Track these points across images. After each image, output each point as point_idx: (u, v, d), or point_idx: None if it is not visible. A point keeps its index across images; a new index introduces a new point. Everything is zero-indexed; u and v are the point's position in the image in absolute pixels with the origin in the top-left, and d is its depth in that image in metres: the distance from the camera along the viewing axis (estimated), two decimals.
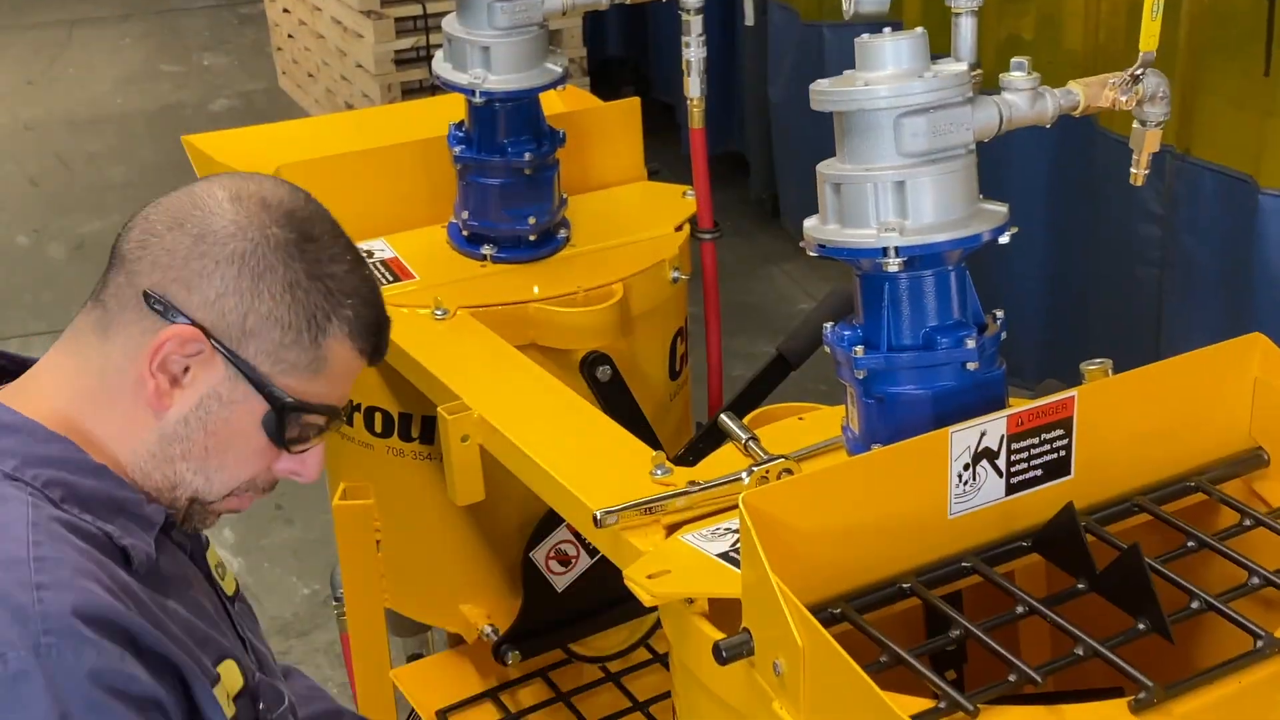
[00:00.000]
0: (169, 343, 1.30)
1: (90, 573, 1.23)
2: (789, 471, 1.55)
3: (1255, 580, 1.33)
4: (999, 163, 3.50)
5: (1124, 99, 1.47)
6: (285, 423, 1.35)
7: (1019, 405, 1.41)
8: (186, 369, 1.31)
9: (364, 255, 1.42)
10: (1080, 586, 1.35)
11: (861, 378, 1.48)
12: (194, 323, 1.30)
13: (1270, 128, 3.00)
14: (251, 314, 1.30)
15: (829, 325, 1.54)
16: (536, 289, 2.20)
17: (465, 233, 2.30)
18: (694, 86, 2.27)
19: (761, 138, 5.02)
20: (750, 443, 1.61)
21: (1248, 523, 1.43)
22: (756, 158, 5.13)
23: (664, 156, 2.73)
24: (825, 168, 1.46)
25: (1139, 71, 1.46)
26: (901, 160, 1.40)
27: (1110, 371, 1.53)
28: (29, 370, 1.38)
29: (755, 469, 1.55)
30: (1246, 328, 2.36)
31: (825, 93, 1.43)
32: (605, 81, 5.56)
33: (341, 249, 1.37)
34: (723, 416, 1.66)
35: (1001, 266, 3.63)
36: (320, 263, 1.34)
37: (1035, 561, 1.45)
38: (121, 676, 1.21)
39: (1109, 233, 3.53)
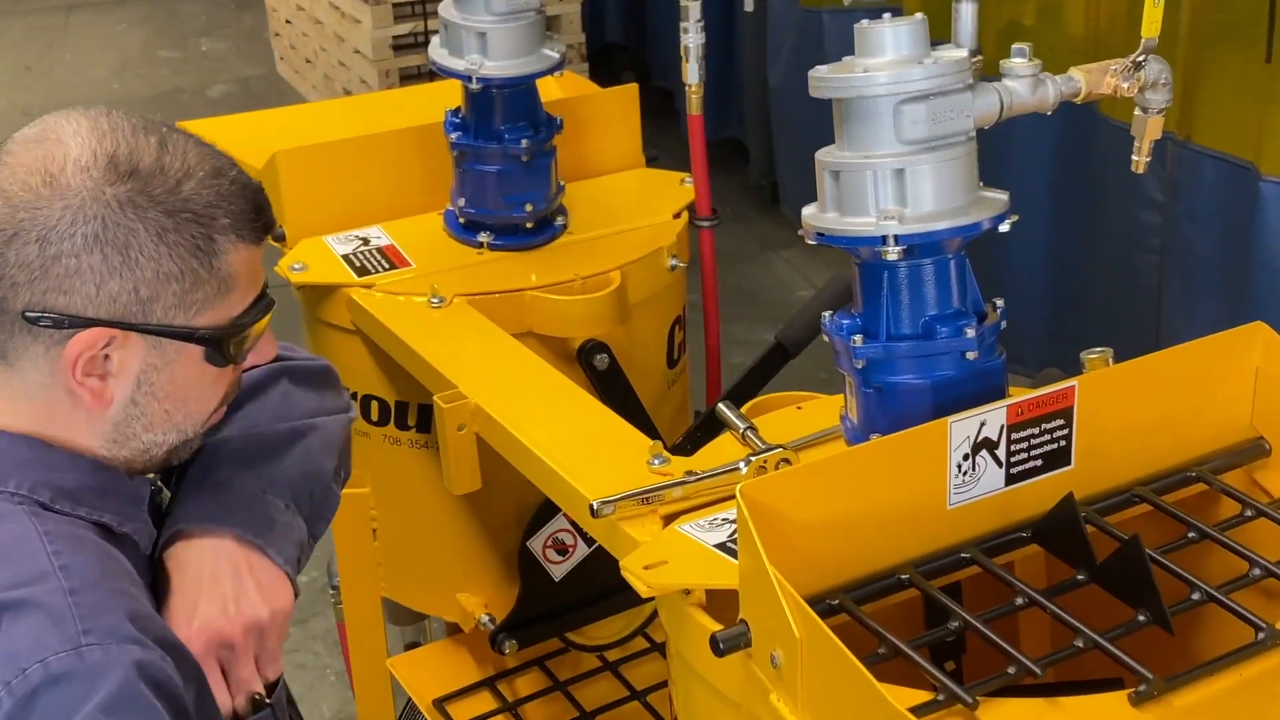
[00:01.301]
0: (81, 353, 1.24)
1: (114, 573, 1.22)
2: (787, 461, 1.54)
3: (1256, 571, 1.32)
4: (999, 150, 3.49)
5: (1126, 86, 1.45)
6: (226, 348, 1.31)
7: (1019, 395, 1.40)
8: (108, 358, 1.26)
9: (189, 134, 1.31)
10: (1080, 578, 1.34)
11: (860, 367, 1.47)
12: (91, 321, 1.23)
13: (1271, 115, 2.98)
14: (140, 284, 1.23)
15: (828, 314, 1.53)
16: (534, 277, 2.18)
17: (462, 220, 2.29)
18: (693, 72, 2.26)
19: (761, 124, 5.01)
20: (748, 432, 1.60)
21: (1249, 513, 1.42)
22: (755, 144, 5.11)
23: (663, 143, 2.71)
24: (824, 155, 1.45)
25: (1141, 58, 1.45)
26: (901, 147, 1.39)
27: (1110, 360, 1.52)
28: None
29: (753, 459, 1.54)
30: (1247, 316, 2.34)
31: (824, 79, 1.41)
32: (604, 67, 5.54)
33: (176, 159, 1.26)
34: (720, 405, 1.65)
35: (1001, 254, 3.62)
36: (170, 193, 1.24)
37: (1034, 552, 1.44)
38: (163, 673, 1.20)
39: (1109, 220, 3.52)
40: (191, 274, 1.25)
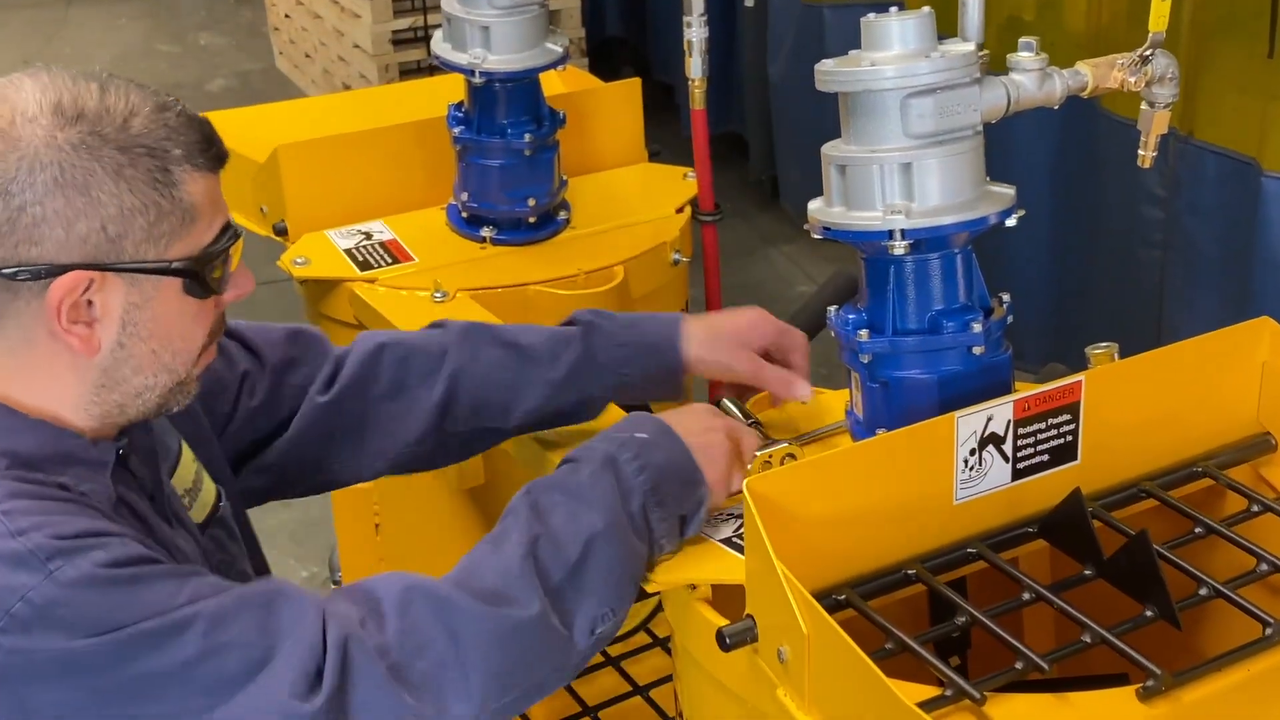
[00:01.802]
0: (62, 300, 1.24)
1: (60, 509, 1.23)
2: (792, 456, 1.54)
3: (1264, 567, 1.32)
4: (1001, 145, 3.47)
5: (1133, 80, 1.45)
6: (204, 278, 1.31)
7: (1025, 390, 1.40)
8: (91, 304, 1.26)
9: (127, 79, 1.31)
10: (1087, 573, 1.34)
11: (866, 362, 1.47)
12: (67, 267, 1.24)
13: (1273, 110, 2.98)
14: (107, 222, 1.24)
15: (833, 309, 1.53)
16: (536, 272, 2.18)
17: (465, 214, 2.29)
18: (695, 67, 2.26)
19: (761, 119, 5.00)
20: (752, 427, 1.59)
21: (1255, 508, 1.42)
22: (756, 139, 5.10)
23: (663, 138, 2.71)
24: (830, 149, 1.44)
25: (1148, 52, 1.45)
26: (908, 141, 1.39)
27: (1116, 355, 1.51)
28: None
29: (758, 453, 1.54)
30: (1249, 311, 2.33)
31: (831, 73, 1.41)
32: (604, 62, 5.53)
33: (120, 100, 1.27)
34: (724, 401, 1.64)
35: (1002, 249, 3.62)
36: (120, 131, 1.25)
37: (1039, 548, 1.44)
38: (138, 552, 1.22)
39: (1111, 215, 3.51)
40: (155, 206, 1.26)
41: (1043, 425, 1.38)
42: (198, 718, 1.21)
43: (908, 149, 1.39)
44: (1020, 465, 1.38)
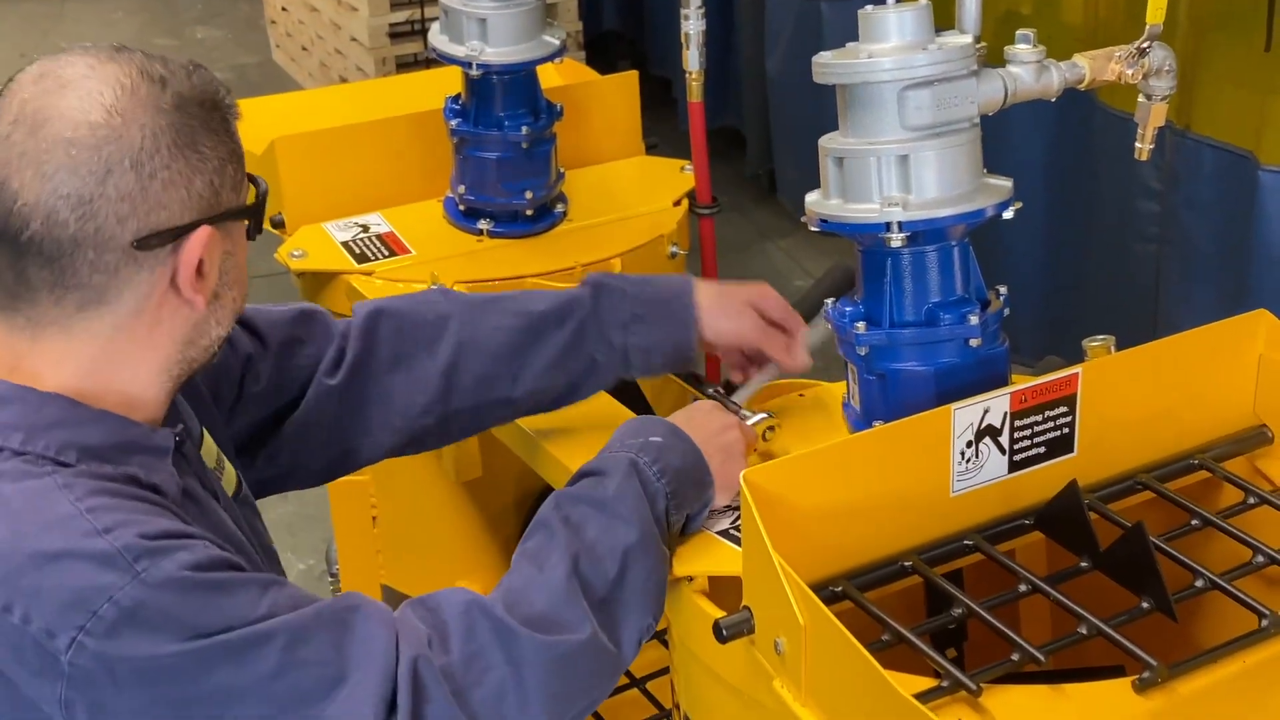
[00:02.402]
0: (199, 257, 1.27)
1: (141, 509, 1.22)
2: (772, 429, 1.54)
3: (1260, 558, 1.33)
4: (996, 137, 3.46)
5: (1130, 72, 1.45)
6: (259, 218, 1.36)
7: (1022, 382, 1.40)
8: (201, 260, 1.28)
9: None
10: (1083, 565, 1.34)
11: (863, 354, 1.47)
12: (193, 224, 1.26)
13: (1270, 104, 2.97)
14: (213, 175, 1.27)
15: (830, 301, 1.53)
16: (534, 264, 2.18)
17: (462, 207, 2.29)
18: (693, 59, 2.25)
19: (758, 113, 4.99)
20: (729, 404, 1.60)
21: (1252, 500, 1.42)
22: (753, 133, 5.10)
23: (660, 132, 2.70)
24: (827, 141, 1.44)
25: (1146, 44, 1.45)
26: (905, 134, 1.39)
27: (1113, 348, 1.51)
28: None
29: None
30: (1245, 304, 2.33)
31: (828, 65, 1.41)
32: (601, 56, 5.52)
33: (160, 64, 1.29)
34: (709, 391, 1.64)
35: (997, 242, 3.61)
36: (191, 89, 1.28)
37: (1035, 540, 1.44)
38: (219, 556, 1.21)
39: (1106, 209, 3.51)
40: (233, 154, 1.31)
41: (1039, 418, 1.38)
42: None
43: (905, 141, 1.39)
44: (1017, 457, 1.38)
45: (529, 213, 2.26)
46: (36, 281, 1.24)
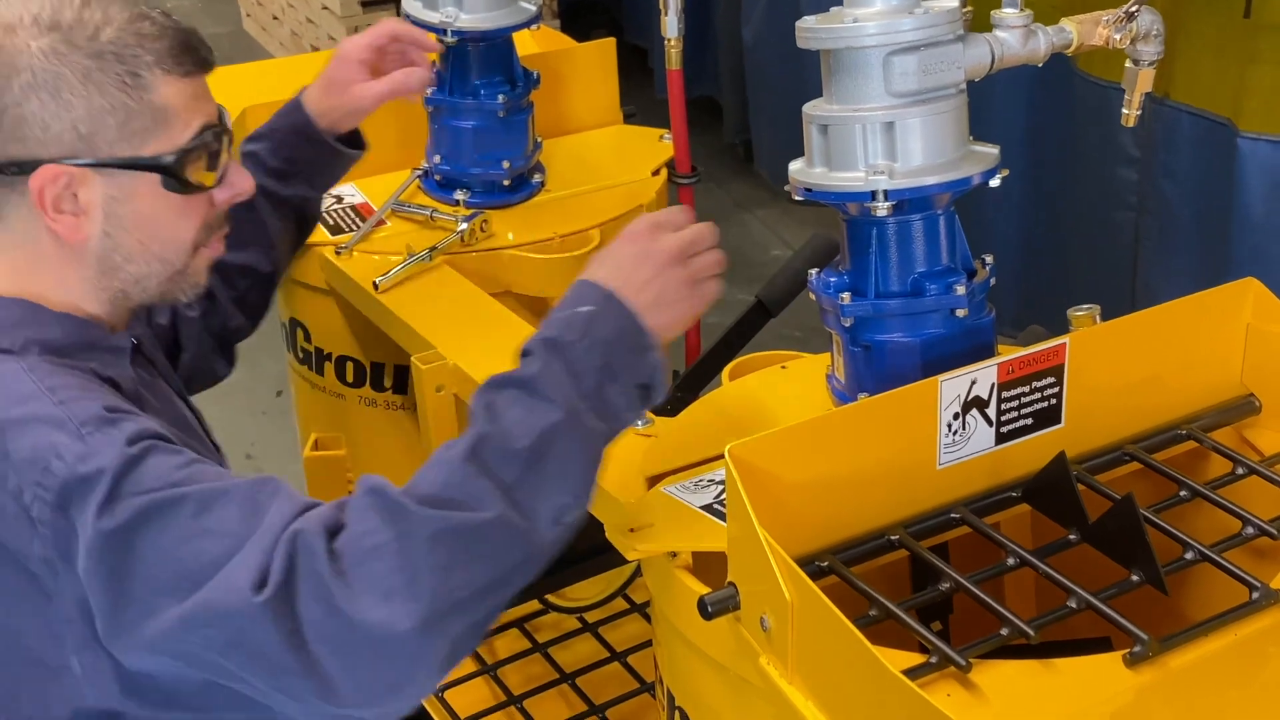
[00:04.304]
0: (44, 188, 1.37)
1: (94, 392, 1.36)
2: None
3: (1249, 530, 1.31)
4: (975, 105, 3.45)
5: (1118, 37, 1.43)
6: (184, 174, 1.43)
7: (1008, 353, 1.38)
8: (75, 196, 1.39)
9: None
10: (1071, 538, 1.33)
11: (848, 325, 1.45)
12: (45, 160, 1.37)
13: (1250, 71, 2.96)
14: (78, 122, 1.37)
15: (814, 271, 1.50)
16: (511, 235, 2.15)
17: (437, 178, 2.25)
18: (671, 26, 2.22)
19: (735, 82, 4.96)
20: None
21: (1240, 471, 1.41)
22: (730, 103, 5.07)
23: (636, 101, 2.67)
24: (811, 108, 1.42)
25: (1134, 9, 1.43)
26: (891, 100, 1.36)
27: (1098, 318, 1.50)
28: None
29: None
30: (1224, 272, 2.31)
31: (812, 30, 1.38)
32: (575, 24, 5.47)
33: (97, 12, 1.40)
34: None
35: (976, 211, 3.60)
36: (91, 39, 1.38)
37: (1020, 513, 1.43)
38: (158, 431, 1.32)
39: (1086, 177, 3.50)
40: (123, 108, 1.38)
41: (1027, 389, 1.37)
42: (177, 598, 1.24)
43: (890, 108, 1.36)
44: (1004, 429, 1.37)
45: (506, 183, 2.23)
46: None
